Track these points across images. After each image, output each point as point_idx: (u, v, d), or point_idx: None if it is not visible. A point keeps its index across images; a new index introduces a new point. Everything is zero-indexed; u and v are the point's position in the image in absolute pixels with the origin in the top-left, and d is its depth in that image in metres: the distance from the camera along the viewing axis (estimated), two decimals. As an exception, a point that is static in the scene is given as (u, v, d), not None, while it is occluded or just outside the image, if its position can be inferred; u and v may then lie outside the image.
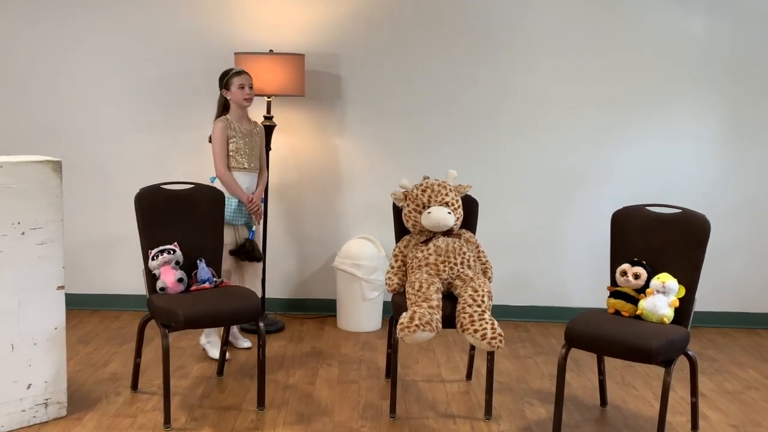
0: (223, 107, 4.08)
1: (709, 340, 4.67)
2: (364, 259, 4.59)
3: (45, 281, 3.18)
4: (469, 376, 3.90)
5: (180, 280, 3.40)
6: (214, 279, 3.52)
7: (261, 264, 4.25)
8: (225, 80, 4.02)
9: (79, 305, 4.86)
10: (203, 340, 4.13)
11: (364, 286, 4.59)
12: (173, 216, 3.51)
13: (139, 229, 3.45)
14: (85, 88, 4.81)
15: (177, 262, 3.44)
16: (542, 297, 4.95)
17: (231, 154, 4.00)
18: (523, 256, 4.91)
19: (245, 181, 4.06)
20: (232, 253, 4.02)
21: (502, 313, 4.82)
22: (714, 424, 3.44)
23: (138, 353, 3.56)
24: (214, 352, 4.04)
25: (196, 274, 3.48)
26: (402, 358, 4.14)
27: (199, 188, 3.63)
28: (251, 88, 4.04)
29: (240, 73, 4.02)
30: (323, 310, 4.94)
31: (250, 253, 4.06)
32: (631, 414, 3.53)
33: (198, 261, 3.50)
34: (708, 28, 4.75)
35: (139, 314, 3.48)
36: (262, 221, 4.31)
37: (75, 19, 4.74)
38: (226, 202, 3.84)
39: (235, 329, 4.21)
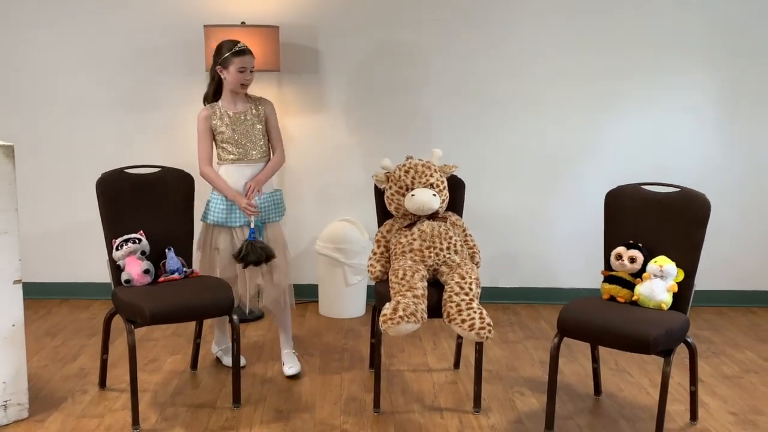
0: (217, 86, 3.48)
1: (705, 320, 4.51)
2: (347, 242, 4.39)
3: (0, 275, 2.96)
4: (456, 364, 3.72)
5: (146, 272, 3.18)
6: (184, 269, 3.30)
7: (281, 260, 3.50)
8: (222, 57, 3.37)
9: (47, 294, 4.66)
10: (215, 348, 3.72)
11: (347, 270, 4.39)
12: (138, 202, 3.29)
13: (101, 217, 3.23)
14: (45, 63, 4.53)
15: (143, 252, 3.22)
16: (532, 278, 4.77)
17: (221, 145, 3.44)
18: (512, 236, 4.71)
19: (242, 175, 3.42)
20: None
21: (490, 295, 4.64)
22: (713, 412, 3.28)
23: (105, 349, 3.35)
24: (228, 360, 3.59)
25: (164, 264, 3.27)
26: (387, 347, 3.96)
27: (166, 172, 3.40)
28: (252, 71, 3.41)
29: (242, 53, 3.35)
30: (304, 295, 4.73)
31: (245, 257, 3.35)
32: (627, 403, 3.36)
33: (166, 250, 3.28)
34: (703, -5, 4.53)
35: (111, 304, 3.28)
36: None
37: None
38: (211, 201, 3.45)
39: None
